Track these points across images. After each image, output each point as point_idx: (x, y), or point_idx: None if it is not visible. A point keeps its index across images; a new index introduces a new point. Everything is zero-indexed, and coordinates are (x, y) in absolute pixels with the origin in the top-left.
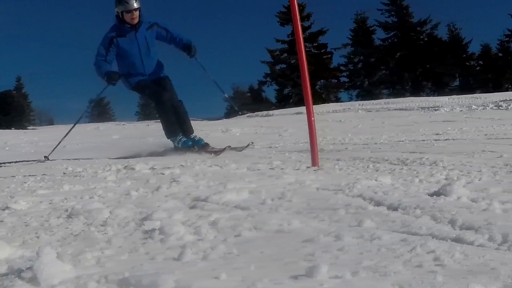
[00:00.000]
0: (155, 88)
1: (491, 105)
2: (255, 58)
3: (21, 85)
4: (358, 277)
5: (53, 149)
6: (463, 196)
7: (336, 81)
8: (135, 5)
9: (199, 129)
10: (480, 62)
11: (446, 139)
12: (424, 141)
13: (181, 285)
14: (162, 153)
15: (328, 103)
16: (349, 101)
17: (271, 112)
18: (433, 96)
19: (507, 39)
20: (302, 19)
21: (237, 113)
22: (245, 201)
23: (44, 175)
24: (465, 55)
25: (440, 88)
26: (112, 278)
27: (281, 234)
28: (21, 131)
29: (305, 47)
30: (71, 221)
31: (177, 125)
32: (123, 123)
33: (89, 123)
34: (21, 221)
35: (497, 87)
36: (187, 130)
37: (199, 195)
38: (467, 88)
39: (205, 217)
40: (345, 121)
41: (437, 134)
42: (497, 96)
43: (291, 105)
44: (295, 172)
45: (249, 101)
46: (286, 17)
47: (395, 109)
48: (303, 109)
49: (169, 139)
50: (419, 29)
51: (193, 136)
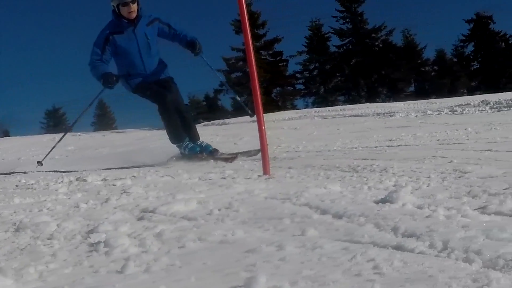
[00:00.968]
0: (158, 89)
1: (446, 110)
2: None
3: None
4: (296, 287)
5: (47, 155)
6: (408, 203)
7: (292, 88)
8: None
9: (157, 139)
10: (435, 67)
11: (398, 145)
12: (377, 147)
13: None
14: (166, 162)
15: (284, 110)
16: (305, 108)
17: (227, 120)
18: (389, 102)
19: (462, 44)
20: (257, 27)
21: (251, 116)
22: (192, 212)
23: None
24: (420, 61)
25: (395, 93)
26: None
27: (224, 244)
28: None
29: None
30: (18, 235)
31: (183, 130)
32: (79, 133)
33: (45, 134)
34: None
35: (453, 92)
36: (193, 136)
37: (147, 206)
38: (422, 93)
39: (151, 228)
40: (301, 128)
41: (391, 140)
42: (453, 101)
43: (247, 113)
44: (246, 181)
45: (205, 110)
46: (241, 25)
47: (350, 116)
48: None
49: (174, 144)
50: (374, 35)
51: (199, 142)
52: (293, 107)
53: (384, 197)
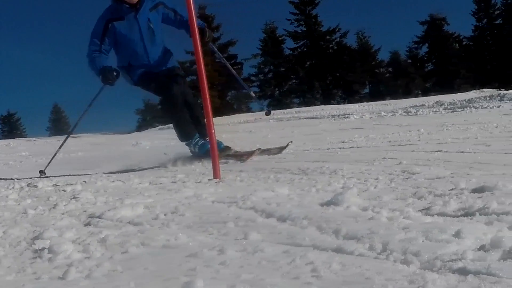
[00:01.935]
0: (163, 81)
1: (400, 111)
2: None
3: None
4: None
5: (49, 162)
6: (352, 205)
7: (246, 91)
8: None
9: (109, 143)
10: (389, 69)
11: (351, 147)
12: (329, 149)
13: None
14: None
15: (239, 113)
16: (261, 111)
17: None
18: (344, 104)
19: (416, 45)
20: (211, 30)
21: (266, 114)
22: (138, 217)
23: None
24: (374, 63)
25: (350, 95)
26: None
27: (167, 249)
28: None
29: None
30: None
31: (193, 125)
32: (34, 139)
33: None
34: None
35: (407, 93)
36: (203, 132)
37: (95, 212)
38: (377, 95)
39: (96, 234)
40: (256, 131)
41: (343, 142)
42: (407, 102)
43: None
44: (196, 185)
45: (160, 114)
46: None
47: (305, 118)
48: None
49: (182, 142)
50: (328, 37)
51: (208, 139)
52: (248, 110)
53: (329, 200)
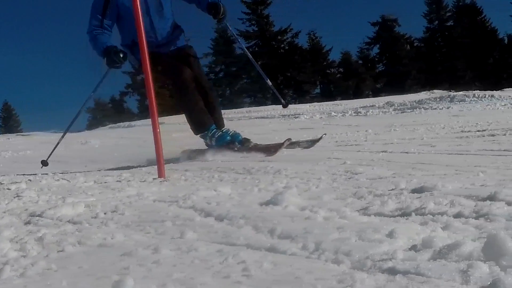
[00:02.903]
0: (173, 62)
1: (350, 112)
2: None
3: None
4: None
5: (51, 153)
6: (291, 205)
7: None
8: None
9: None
10: (340, 69)
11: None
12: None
13: None
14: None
15: None
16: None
17: (133, 123)
18: (294, 103)
19: (367, 46)
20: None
21: (284, 106)
22: (78, 216)
23: None
24: (325, 63)
25: (301, 95)
26: None
27: (102, 248)
28: None
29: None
30: None
31: (208, 114)
32: None
33: None
34: None
35: (358, 94)
36: (219, 121)
37: (35, 211)
38: (328, 95)
39: (34, 232)
40: None
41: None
42: (357, 102)
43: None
44: (140, 184)
45: (111, 113)
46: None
47: (256, 118)
48: (165, 119)
49: (197, 134)
50: (279, 37)
51: (225, 129)
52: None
53: (269, 199)
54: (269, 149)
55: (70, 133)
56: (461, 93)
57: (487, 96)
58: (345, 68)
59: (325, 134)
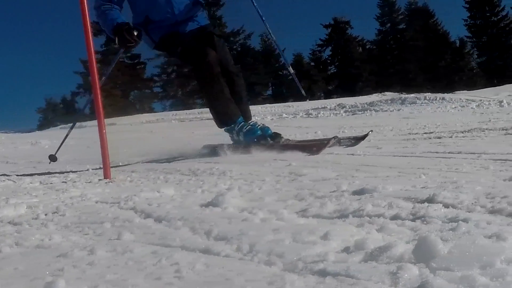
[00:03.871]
0: (195, 44)
1: (301, 113)
2: (68, 68)
3: None
4: None
5: (59, 147)
6: (230, 206)
7: (149, 91)
8: None
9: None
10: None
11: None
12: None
13: None
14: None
15: (142, 113)
16: (163, 111)
17: (84, 123)
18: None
19: (319, 48)
20: None
21: (305, 97)
22: (20, 217)
23: None
24: (277, 65)
25: (253, 97)
26: None
27: (40, 249)
28: None
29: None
30: None
31: (235, 104)
32: None
33: None
34: None
35: (310, 96)
36: (246, 112)
37: None
38: (280, 97)
39: None
40: (157, 131)
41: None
42: (309, 104)
43: (105, 116)
44: (85, 185)
45: (62, 113)
46: (100, 28)
47: (207, 119)
48: (117, 120)
49: (222, 128)
50: (232, 39)
51: (252, 122)
52: (151, 110)
53: (210, 201)
54: (311, 147)
55: (20, 133)
56: (412, 95)
57: (438, 98)
58: (297, 70)
59: (371, 130)
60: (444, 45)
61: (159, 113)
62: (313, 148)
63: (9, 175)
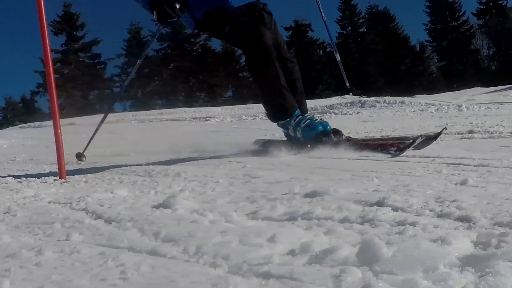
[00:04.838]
0: (245, 22)
1: (261, 115)
2: (28, 67)
3: None
4: None
5: (88, 143)
6: (181, 208)
7: (110, 91)
8: None
9: None
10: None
11: (201, 150)
12: (181, 152)
13: None
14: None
15: (101, 113)
16: (123, 112)
17: (44, 123)
18: (207, 106)
19: None
20: (75, 29)
21: (349, 89)
22: None
23: None
24: (238, 66)
25: (213, 98)
26: None
27: None
28: None
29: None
30: None
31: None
32: None
33: None
34: None
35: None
36: (301, 104)
37: None
38: (240, 98)
39: None
40: (115, 132)
41: (197, 144)
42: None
43: (64, 115)
44: (39, 185)
45: (22, 112)
46: (60, 27)
47: (167, 120)
48: (76, 120)
49: (275, 121)
50: (192, 40)
51: (309, 115)
52: (111, 111)
53: (162, 202)
54: (390, 147)
55: None
56: (372, 98)
57: (397, 102)
58: None
59: (445, 128)
60: (404, 49)
61: (119, 114)
62: (393, 148)
63: None
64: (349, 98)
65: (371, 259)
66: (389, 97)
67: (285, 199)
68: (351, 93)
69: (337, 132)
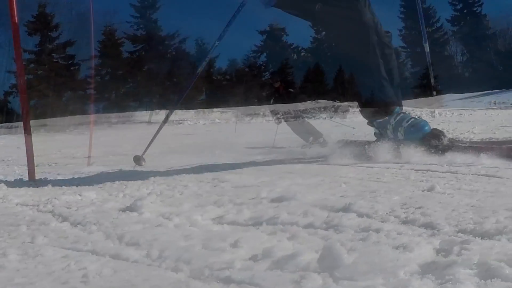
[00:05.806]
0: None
1: (234, 119)
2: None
3: None
4: None
5: (148, 146)
6: (147, 211)
7: (83, 93)
8: None
9: None
10: (227, 76)
11: (173, 153)
12: (152, 154)
13: None
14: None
15: (75, 115)
16: (96, 114)
17: (16, 124)
18: (180, 109)
19: (254, 54)
20: (50, 30)
21: (434, 91)
22: None
23: None
24: (212, 69)
25: (187, 101)
26: None
27: None
28: None
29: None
30: None
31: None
32: None
33: None
34: None
35: (244, 101)
36: (399, 99)
37: None
38: (214, 102)
39: None
40: (87, 134)
41: (170, 147)
42: (242, 110)
43: (37, 117)
44: (8, 187)
45: None
46: (34, 27)
47: (140, 122)
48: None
49: (373, 120)
50: (167, 42)
51: (408, 112)
52: (84, 112)
53: (129, 205)
54: (481, 149)
55: None
56: (345, 103)
57: None
58: (232, 75)
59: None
60: None
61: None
62: (480, 148)
63: None
64: (322, 102)
65: (332, 265)
66: None
67: (251, 203)
68: (434, 93)
69: (440, 133)
